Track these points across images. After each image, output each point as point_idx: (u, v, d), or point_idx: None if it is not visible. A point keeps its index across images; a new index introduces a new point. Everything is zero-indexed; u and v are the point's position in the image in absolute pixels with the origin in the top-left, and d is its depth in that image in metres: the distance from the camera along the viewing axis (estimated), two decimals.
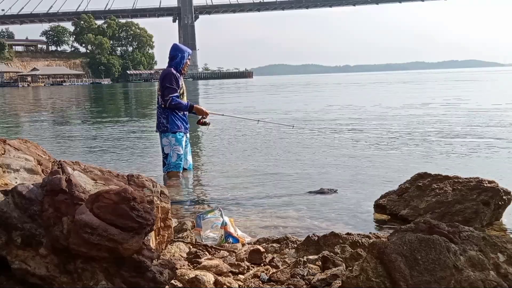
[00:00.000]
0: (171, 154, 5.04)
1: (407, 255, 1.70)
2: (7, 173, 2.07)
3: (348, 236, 2.68)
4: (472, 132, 8.54)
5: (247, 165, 6.03)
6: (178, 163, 5.06)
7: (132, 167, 5.97)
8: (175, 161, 5.04)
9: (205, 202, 4.29)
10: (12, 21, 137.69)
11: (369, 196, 4.10)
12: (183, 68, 5.12)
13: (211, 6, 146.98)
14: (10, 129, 12.64)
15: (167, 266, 1.82)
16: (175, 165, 5.05)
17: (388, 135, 8.56)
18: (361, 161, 6.04)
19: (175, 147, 5.03)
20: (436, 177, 3.61)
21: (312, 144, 7.80)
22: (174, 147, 5.03)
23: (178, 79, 5.03)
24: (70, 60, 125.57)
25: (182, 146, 5.06)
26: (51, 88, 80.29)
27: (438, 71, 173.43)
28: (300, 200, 4.25)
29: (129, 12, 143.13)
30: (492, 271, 1.72)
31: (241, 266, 2.38)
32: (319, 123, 11.16)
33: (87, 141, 9.23)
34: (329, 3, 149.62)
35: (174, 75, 5.00)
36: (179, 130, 5.05)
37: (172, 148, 5.03)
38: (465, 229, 1.87)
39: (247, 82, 75.46)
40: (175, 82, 4.99)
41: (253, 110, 16.50)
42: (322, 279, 2.10)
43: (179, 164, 5.07)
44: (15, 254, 1.70)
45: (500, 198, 3.29)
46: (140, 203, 1.72)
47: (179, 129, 5.05)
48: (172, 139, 5.01)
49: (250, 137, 8.90)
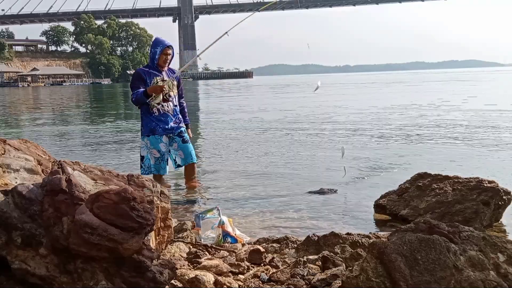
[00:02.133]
0: (149, 157, 4.76)
1: (407, 255, 1.70)
2: (7, 173, 2.07)
3: (348, 236, 2.68)
4: (472, 132, 8.53)
5: (247, 165, 6.03)
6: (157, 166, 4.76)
7: (132, 167, 5.97)
8: (153, 164, 4.75)
9: (205, 202, 4.29)
10: (12, 21, 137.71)
11: (369, 196, 4.10)
12: (159, 63, 4.72)
13: (211, 6, 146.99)
14: (10, 129, 12.64)
15: (167, 266, 1.82)
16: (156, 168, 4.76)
17: (388, 135, 8.56)
18: (361, 161, 6.04)
19: (151, 150, 4.74)
20: (436, 177, 3.61)
21: (312, 144, 7.79)
22: (150, 150, 4.74)
23: (146, 76, 4.68)
24: (70, 60, 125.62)
25: (159, 149, 4.73)
26: (51, 88, 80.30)
27: (438, 71, 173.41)
28: (300, 200, 4.25)
29: (129, 12, 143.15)
30: (492, 271, 1.72)
31: (241, 266, 2.38)
32: (323, 123, 11.16)
33: (87, 141, 9.23)
34: (329, 3, 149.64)
35: (138, 73, 4.74)
36: (154, 134, 4.71)
37: (149, 151, 4.75)
38: (465, 229, 1.87)
39: (248, 82, 75.45)
40: (138, 80, 4.66)
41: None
42: (322, 279, 2.09)
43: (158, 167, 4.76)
44: (15, 254, 1.70)
45: (500, 198, 3.29)
46: (140, 203, 1.72)
47: (153, 132, 4.71)
48: (147, 142, 4.75)
49: (250, 137, 8.90)
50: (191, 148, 4.93)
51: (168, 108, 4.76)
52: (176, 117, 4.83)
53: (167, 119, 4.75)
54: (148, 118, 4.73)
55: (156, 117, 4.72)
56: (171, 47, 4.81)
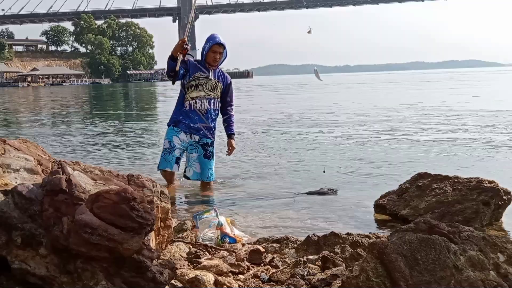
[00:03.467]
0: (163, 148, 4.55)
1: (407, 255, 1.70)
2: (7, 173, 2.07)
3: (348, 236, 2.68)
4: (473, 132, 8.53)
5: (247, 165, 6.03)
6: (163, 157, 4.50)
7: (132, 167, 5.97)
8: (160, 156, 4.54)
9: (205, 202, 4.28)
10: (12, 21, 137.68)
11: (369, 196, 4.09)
12: (207, 60, 4.50)
13: (211, 6, 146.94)
14: (10, 129, 12.64)
15: (167, 266, 1.82)
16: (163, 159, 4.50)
17: (388, 135, 8.56)
18: (361, 161, 6.04)
19: (164, 140, 4.53)
20: (436, 177, 3.61)
21: (312, 144, 7.80)
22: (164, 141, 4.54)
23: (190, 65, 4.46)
24: (70, 60, 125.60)
25: (170, 140, 4.47)
26: (51, 88, 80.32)
27: (439, 71, 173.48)
28: (300, 200, 4.25)
29: (129, 12, 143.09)
30: (492, 271, 1.72)
31: (241, 266, 2.38)
32: (323, 123, 11.16)
33: (87, 141, 9.23)
34: (329, 3, 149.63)
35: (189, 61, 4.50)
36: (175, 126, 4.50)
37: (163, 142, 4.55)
38: (465, 229, 1.87)
39: (248, 82, 75.46)
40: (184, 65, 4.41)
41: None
42: (322, 279, 2.10)
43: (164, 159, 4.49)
44: (15, 254, 1.70)
45: (500, 198, 3.29)
46: (140, 203, 1.72)
47: (175, 124, 4.50)
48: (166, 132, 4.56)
49: (250, 137, 8.90)
50: (211, 165, 4.61)
51: (201, 107, 4.50)
52: (209, 120, 4.54)
53: (195, 117, 4.49)
54: (177, 109, 4.53)
55: (185, 112, 4.49)
56: (222, 46, 4.51)
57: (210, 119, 4.55)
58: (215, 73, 4.58)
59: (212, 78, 4.53)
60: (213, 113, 4.58)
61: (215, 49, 4.47)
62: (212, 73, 4.54)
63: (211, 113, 4.55)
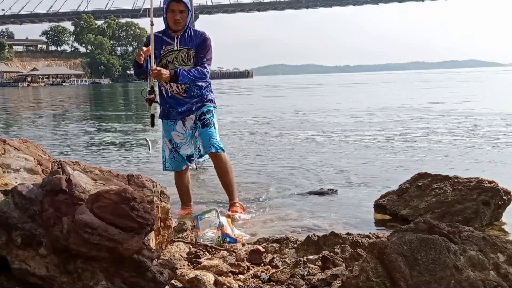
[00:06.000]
0: (165, 149, 3.94)
1: (407, 255, 1.70)
2: (7, 173, 2.07)
3: (348, 236, 2.68)
4: (472, 133, 8.53)
5: (247, 165, 6.03)
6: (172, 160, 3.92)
7: (132, 167, 5.97)
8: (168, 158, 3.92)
9: (205, 202, 4.28)
10: (12, 21, 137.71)
11: (369, 196, 4.09)
12: (169, 25, 3.71)
13: (211, 6, 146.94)
14: (10, 129, 12.64)
15: (167, 266, 1.82)
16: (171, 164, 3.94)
17: (388, 135, 8.56)
18: (361, 161, 6.04)
19: (165, 139, 3.92)
20: (436, 177, 3.61)
21: (313, 144, 7.79)
22: (164, 139, 3.94)
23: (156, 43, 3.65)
24: (70, 60, 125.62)
25: (170, 139, 3.86)
26: (51, 88, 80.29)
27: (439, 71, 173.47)
28: (300, 200, 4.25)
29: (129, 12, 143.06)
30: (492, 271, 1.72)
31: (241, 266, 2.39)
32: (323, 123, 11.16)
33: (87, 141, 9.23)
34: (329, 3, 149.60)
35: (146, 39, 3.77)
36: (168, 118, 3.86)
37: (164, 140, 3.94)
38: (465, 229, 1.87)
39: (248, 82, 75.43)
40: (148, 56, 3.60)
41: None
42: (322, 279, 2.10)
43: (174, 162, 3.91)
44: (15, 254, 1.70)
45: (500, 198, 3.29)
46: (140, 203, 1.72)
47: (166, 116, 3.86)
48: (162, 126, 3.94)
49: (250, 137, 8.90)
50: (212, 133, 3.81)
51: (178, 89, 3.77)
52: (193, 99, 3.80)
53: (178, 102, 3.78)
54: (162, 98, 3.82)
55: (165, 100, 3.81)
56: (182, 3, 3.63)
57: (195, 98, 3.81)
58: (183, 39, 3.73)
59: (180, 47, 3.71)
60: (195, 89, 3.81)
61: (173, 7, 3.66)
62: (178, 40, 3.72)
63: (193, 91, 3.80)
